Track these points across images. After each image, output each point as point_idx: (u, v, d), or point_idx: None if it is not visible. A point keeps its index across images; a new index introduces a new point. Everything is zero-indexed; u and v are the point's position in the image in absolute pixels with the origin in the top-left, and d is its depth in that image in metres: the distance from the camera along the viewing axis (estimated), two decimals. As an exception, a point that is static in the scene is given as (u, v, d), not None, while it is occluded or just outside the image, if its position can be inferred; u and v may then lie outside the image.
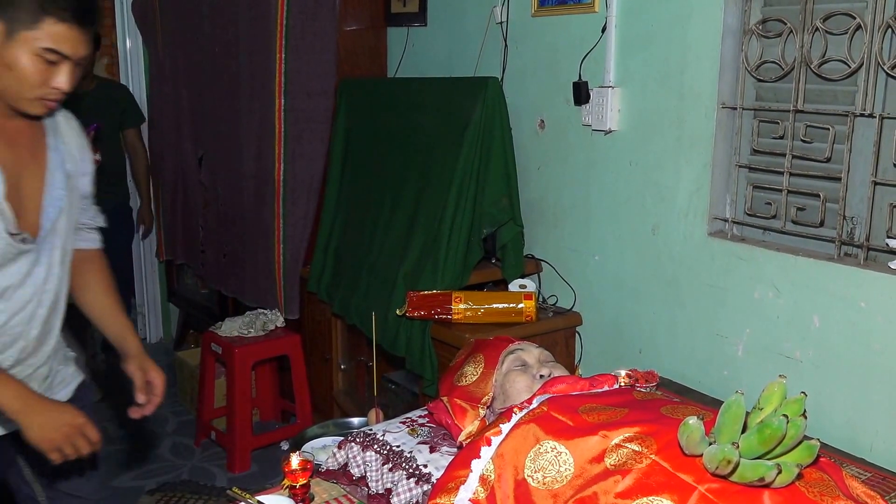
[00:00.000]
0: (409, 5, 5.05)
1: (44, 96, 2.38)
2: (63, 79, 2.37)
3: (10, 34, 2.27)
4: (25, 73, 2.31)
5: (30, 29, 2.26)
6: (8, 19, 2.26)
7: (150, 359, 2.75)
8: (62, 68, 2.36)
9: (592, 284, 4.07)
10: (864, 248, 3.02)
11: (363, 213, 4.73)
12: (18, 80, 2.32)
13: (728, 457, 1.73)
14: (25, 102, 2.38)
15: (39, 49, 2.29)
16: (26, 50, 2.28)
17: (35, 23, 2.26)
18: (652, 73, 3.64)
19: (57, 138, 2.61)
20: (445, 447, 2.58)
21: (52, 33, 2.29)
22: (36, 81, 2.33)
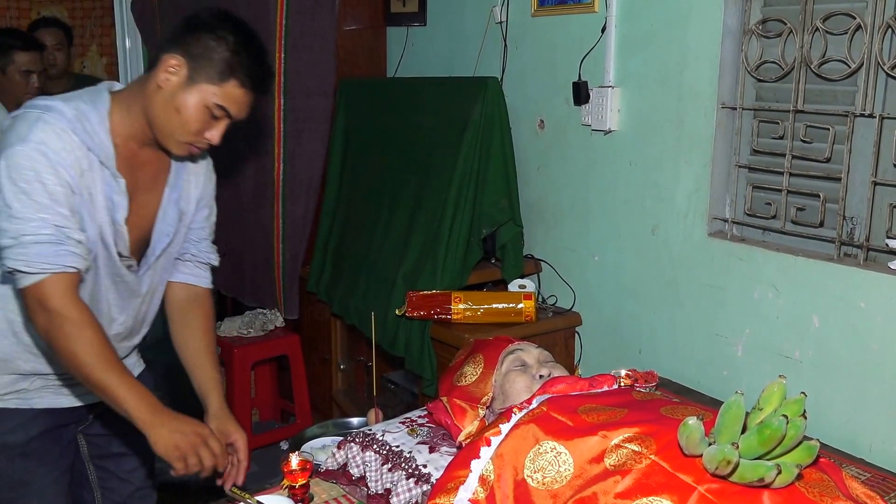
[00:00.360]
0: (408, 5, 5.05)
1: (193, 143, 2.50)
2: (217, 133, 2.50)
3: (192, 81, 2.40)
4: (189, 120, 2.43)
5: (212, 83, 2.41)
6: (195, 68, 2.40)
7: (233, 417, 2.71)
8: (221, 124, 2.49)
9: (592, 285, 4.07)
10: (864, 249, 3.02)
11: (363, 213, 4.73)
12: (180, 124, 2.43)
13: (728, 457, 1.72)
14: (174, 143, 2.49)
15: (212, 104, 2.42)
16: (200, 100, 2.41)
17: (220, 81, 2.41)
18: (652, 74, 3.63)
19: (179, 176, 2.70)
20: (445, 447, 2.58)
21: (230, 94, 2.44)
22: (195, 129, 2.45)
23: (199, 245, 2.86)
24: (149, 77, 2.45)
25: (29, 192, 2.25)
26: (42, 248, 2.25)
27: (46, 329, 2.32)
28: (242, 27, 2.48)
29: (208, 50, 2.39)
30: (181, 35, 2.43)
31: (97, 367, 2.30)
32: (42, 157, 2.26)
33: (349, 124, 4.97)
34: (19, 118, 2.33)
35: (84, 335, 2.30)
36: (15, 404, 2.62)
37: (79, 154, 2.34)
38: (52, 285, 2.28)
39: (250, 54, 2.45)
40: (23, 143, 2.25)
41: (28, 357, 2.58)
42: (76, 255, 2.32)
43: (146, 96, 2.43)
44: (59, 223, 2.28)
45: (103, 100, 2.45)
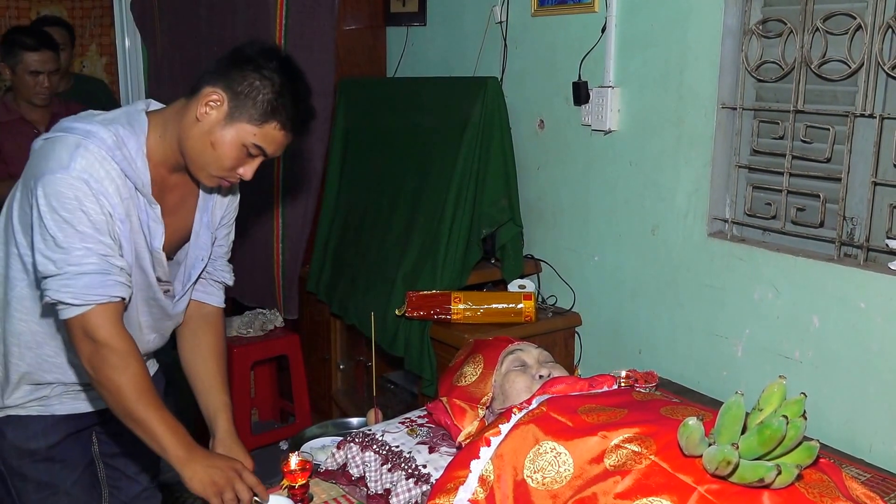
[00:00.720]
0: (408, 5, 5.04)
1: (225, 177, 2.48)
2: (250, 170, 2.47)
3: (231, 119, 2.37)
4: (224, 157, 2.40)
5: (251, 124, 2.37)
6: (237, 105, 2.36)
7: (240, 442, 2.69)
8: (255, 161, 2.47)
9: (592, 285, 4.06)
10: (864, 249, 3.02)
11: (362, 212, 4.73)
12: (215, 158, 2.41)
13: (728, 458, 1.72)
14: (205, 175, 2.47)
15: (250, 143, 2.40)
16: (237, 138, 2.38)
17: (261, 122, 2.38)
18: (652, 74, 3.63)
19: (207, 199, 2.69)
20: (444, 447, 2.58)
21: (269, 135, 2.41)
22: (228, 165, 2.43)
23: (214, 263, 2.84)
24: (187, 106, 2.42)
25: (72, 221, 2.23)
26: (88, 280, 2.25)
27: (91, 359, 2.31)
28: (288, 66, 2.44)
29: (253, 89, 2.35)
30: (226, 68, 2.39)
31: (140, 404, 2.31)
32: (84, 186, 2.24)
33: (349, 124, 4.96)
34: (57, 142, 2.30)
35: (129, 369, 2.31)
36: (37, 411, 2.63)
37: (118, 182, 2.32)
38: (98, 316, 2.28)
39: (294, 97, 2.41)
40: (64, 170, 2.23)
41: (50, 368, 2.58)
42: (121, 283, 2.33)
43: (183, 126, 2.41)
44: (103, 252, 2.28)
45: (141, 123, 2.42)
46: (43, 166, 2.26)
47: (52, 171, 2.23)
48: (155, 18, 6.11)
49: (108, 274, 2.28)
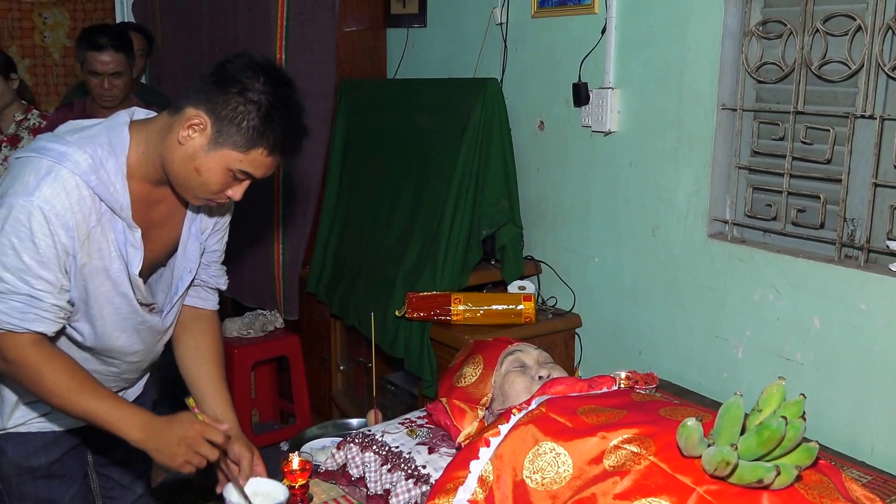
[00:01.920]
0: (408, 6, 5.05)
1: (213, 199, 2.39)
2: (239, 192, 2.37)
3: (215, 145, 2.26)
4: (210, 182, 2.31)
5: (237, 150, 2.26)
6: (221, 131, 2.25)
7: (244, 437, 2.58)
8: (243, 184, 2.37)
9: (592, 286, 4.06)
10: (865, 250, 3.01)
11: (362, 213, 4.73)
12: (200, 183, 2.32)
13: (727, 458, 1.72)
14: (191, 196, 2.40)
15: (236, 169, 2.30)
16: (223, 165, 2.29)
17: (246, 149, 2.27)
18: (652, 75, 3.63)
19: (199, 208, 2.61)
20: (444, 448, 2.59)
21: (256, 160, 2.30)
22: (214, 189, 2.34)
23: (208, 269, 2.79)
24: (170, 125, 2.31)
25: (19, 249, 2.17)
26: (11, 306, 2.21)
27: (9, 374, 2.33)
28: (277, 82, 2.30)
29: (237, 115, 2.23)
30: (209, 88, 2.26)
31: (78, 400, 2.29)
32: (41, 216, 2.16)
33: (349, 125, 4.96)
34: (28, 163, 2.22)
35: (48, 375, 2.27)
36: (38, 427, 2.61)
37: (88, 211, 2.25)
38: (10, 340, 2.24)
39: (282, 119, 2.28)
40: (27, 196, 2.16)
41: None
42: (45, 319, 2.26)
43: (166, 148, 2.31)
44: (40, 287, 2.22)
45: (123, 140, 2.33)
46: (8, 188, 2.21)
47: (15, 195, 2.17)
48: (157, 21, 6.13)
49: (33, 307, 2.22)
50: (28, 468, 2.61)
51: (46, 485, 2.65)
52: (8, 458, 2.59)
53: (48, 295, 2.23)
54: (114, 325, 2.48)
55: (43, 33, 9.32)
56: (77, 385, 2.29)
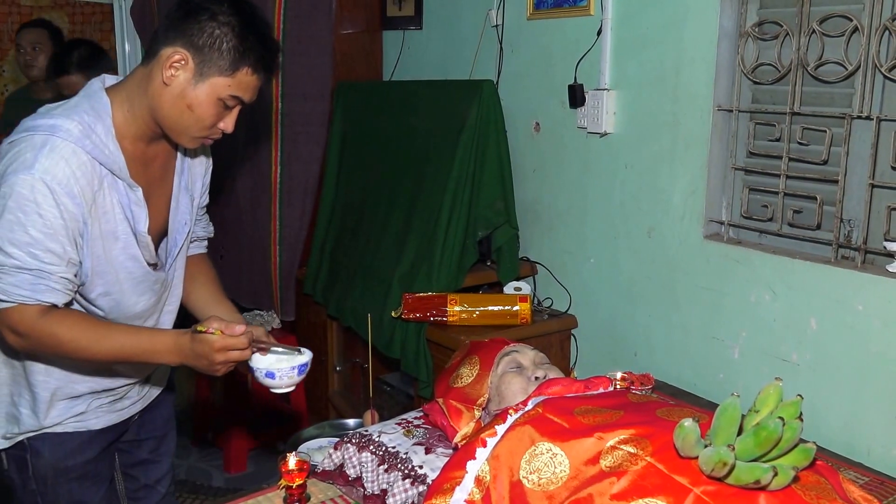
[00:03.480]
0: (404, 9, 5.05)
1: (208, 136, 2.44)
2: (231, 122, 2.42)
3: (202, 76, 2.30)
4: (203, 115, 2.35)
5: (223, 75, 2.31)
6: (203, 61, 2.29)
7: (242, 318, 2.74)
8: (234, 112, 2.42)
9: (588, 287, 4.06)
10: (862, 251, 3.02)
11: (359, 215, 4.73)
12: (195, 120, 2.35)
13: (724, 459, 1.72)
14: (186, 138, 2.43)
15: (226, 95, 2.33)
16: (212, 94, 2.32)
17: (232, 71, 2.31)
18: (647, 76, 3.63)
19: (184, 160, 2.64)
20: (441, 448, 2.58)
21: (243, 82, 2.34)
22: (209, 123, 2.38)
23: (200, 223, 2.87)
24: (149, 73, 2.33)
25: (25, 223, 2.19)
26: (20, 279, 2.22)
27: (25, 348, 2.36)
28: (242, 4, 2.34)
29: (214, 39, 2.26)
30: (179, 23, 2.29)
31: (104, 345, 2.33)
32: (45, 188, 2.17)
33: (346, 127, 4.96)
34: (22, 142, 2.23)
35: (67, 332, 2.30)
36: (73, 427, 2.62)
37: (90, 175, 2.26)
38: (20, 313, 2.26)
39: (257, 35, 2.33)
40: (28, 171, 2.17)
41: (81, 378, 2.57)
42: (55, 290, 2.27)
43: (151, 95, 2.33)
44: (47, 260, 2.23)
45: (103, 103, 2.33)
46: (6, 167, 2.21)
47: (15, 172, 2.18)
48: (155, 23, 6.12)
49: (42, 280, 2.24)
50: (63, 469, 2.61)
51: (79, 486, 2.66)
52: (45, 459, 2.59)
53: (56, 268, 2.25)
54: (131, 290, 2.51)
55: (42, 38, 9.34)
56: (94, 334, 2.33)
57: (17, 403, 2.55)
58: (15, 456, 2.60)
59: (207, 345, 2.31)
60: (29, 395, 2.54)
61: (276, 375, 2.49)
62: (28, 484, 2.62)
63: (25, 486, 2.62)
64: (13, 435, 2.57)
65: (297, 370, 2.53)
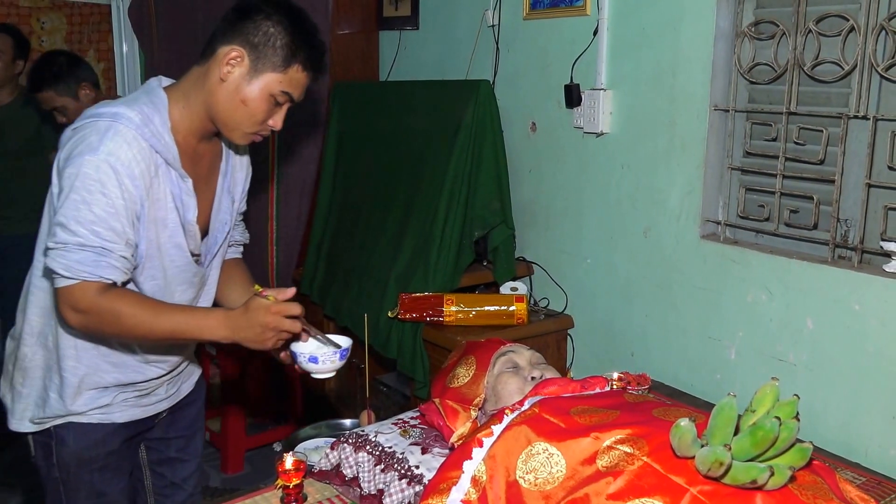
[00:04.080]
0: (401, 9, 5.05)
1: (258, 132, 2.54)
2: (280, 119, 2.53)
3: (256, 72, 2.43)
4: (256, 110, 2.46)
5: (276, 71, 2.43)
6: (258, 57, 2.41)
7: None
8: (283, 109, 2.53)
9: (584, 287, 4.06)
10: (858, 251, 3.02)
11: (355, 215, 4.73)
12: (248, 115, 2.46)
13: (720, 459, 1.72)
14: (238, 134, 2.52)
15: (277, 91, 2.45)
16: (265, 89, 2.44)
17: (284, 67, 2.43)
18: (644, 76, 3.63)
19: (228, 162, 2.74)
20: (437, 448, 2.58)
21: (294, 79, 2.47)
22: (260, 118, 2.49)
23: (237, 228, 2.96)
24: (206, 71, 2.47)
25: (90, 201, 2.27)
26: (83, 255, 2.29)
27: (84, 326, 2.40)
28: (293, 7, 2.49)
29: (269, 37, 2.40)
30: (235, 23, 2.43)
31: (158, 323, 2.40)
32: (110, 169, 2.27)
33: (342, 127, 4.96)
34: (87, 128, 2.33)
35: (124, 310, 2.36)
36: (98, 419, 2.65)
37: (149, 161, 2.37)
38: (81, 290, 2.31)
39: (308, 35, 2.47)
40: (93, 152, 2.27)
41: (109, 369, 2.61)
42: (115, 267, 2.34)
43: (208, 91, 2.46)
44: (108, 238, 2.31)
45: (161, 99, 2.46)
46: (72, 151, 2.31)
47: (80, 154, 2.27)
48: (152, 24, 6.11)
49: (104, 257, 2.30)
50: (86, 459, 2.65)
51: (100, 476, 2.70)
52: (69, 447, 2.64)
53: (117, 245, 2.33)
54: (174, 278, 2.59)
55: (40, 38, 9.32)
56: (152, 310, 2.40)
57: (48, 387, 2.61)
58: (42, 443, 2.66)
59: (262, 307, 2.40)
60: (58, 379, 2.59)
61: (320, 360, 2.57)
62: (52, 471, 2.68)
63: (49, 473, 2.68)
64: (41, 420, 2.62)
65: (339, 355, 2.60)
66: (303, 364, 2.60)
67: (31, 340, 2.61)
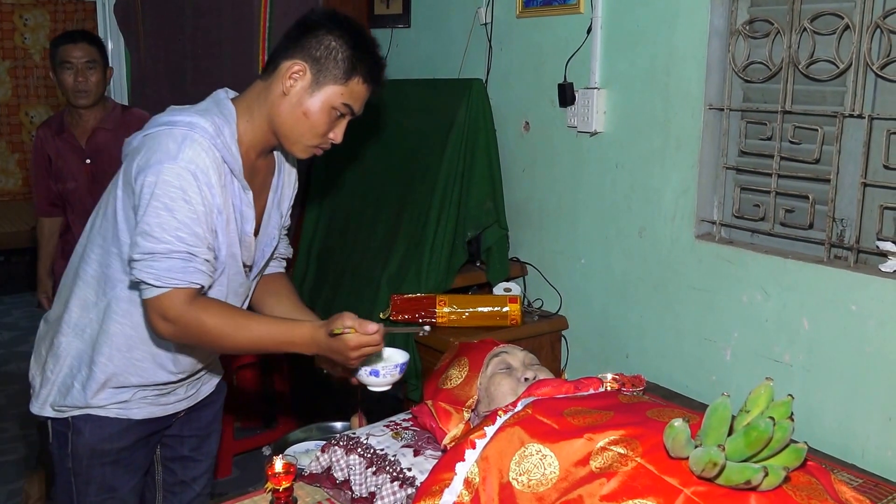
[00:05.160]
0: (392, 7, 5.03)
1: (319, 145, 2.60)
2: (340, 132, 2.62)
3: (318, 84, 2.50)
4: (318, 123, 2.53)
5: (338, 83, 2.50)
6: (319, 70, 2.49)
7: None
8: (343, 122, 2.61)
9: (578, 288, 4.05)
10: (854, 251, 3.00)
11: (346, 215, 4.72)
12: (309, 128, 2.53)
13: (714, 459, 1.71)
14: (300, 147, 2.59)
15: (339, 103, 2.53)
16: (326, 102, 2.51)
17: (346, 80, 2.51)
18: (638, 75, 3.62)
19: (280, 178, 2.80)
20: (429, 450, 2.57)
21: (354, 91, 2.55)
22: (322, 131, 2.56)
23: (282, 242, 2.97)
24: (268, 85, 2.53)
25: (172, 208, 2.32)
26: (171, 263, 2.33)
27: (173, 335, 2.45)
28: (353, 23, 2.57)
29: (331, 50, 2.47)
30: (297, 40, 2.50)
31: (242, 335, 2.46)
32: (190, 176, 2.32)
33: (334, 126, 4.95)
34: (162, 135, 2.38)
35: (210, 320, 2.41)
36: (115, 413, 2.68)
37: (220, 171, 2.42)
38: (172, 298, 2.36)
39: (368, 50, 2.54)
40: (173, 160, 2.31)
41: (137, 371, 2.65)
42: (203, 272, 2.40)
43: (271, 104, 2.52)
44: (192, 242, 2.35)
45: (231, 111, 2.51)
46: (149, 158, 2.35)
47: (159, 162, 2.32)
48: (138, 21, 6.11)
49: (190, 261, 2.36)
50: (100, 451, 2.68)
51: (112, 471, 2.72)
52: (84, 438, 2.67)
53: (201, 250, 2.39)
54: (227, 285, 2.64)
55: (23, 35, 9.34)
56: (238, 322, 2.47)
57: (74, 377, 2.64)
58: (60, 432, 2.70)
59: (343, 343, 2.43)
60: (87, 372, 2.62)
61: (381, 373, 2.62)
62: (66, 461, 2.70)
63: (63, 462, 2.71)
64: (60, 408, 2.66)
65: (399, 368, 2.64)
66: (363, 377, 2.63)
67: (67, 330, 2.64)
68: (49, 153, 4.61)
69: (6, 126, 10.20)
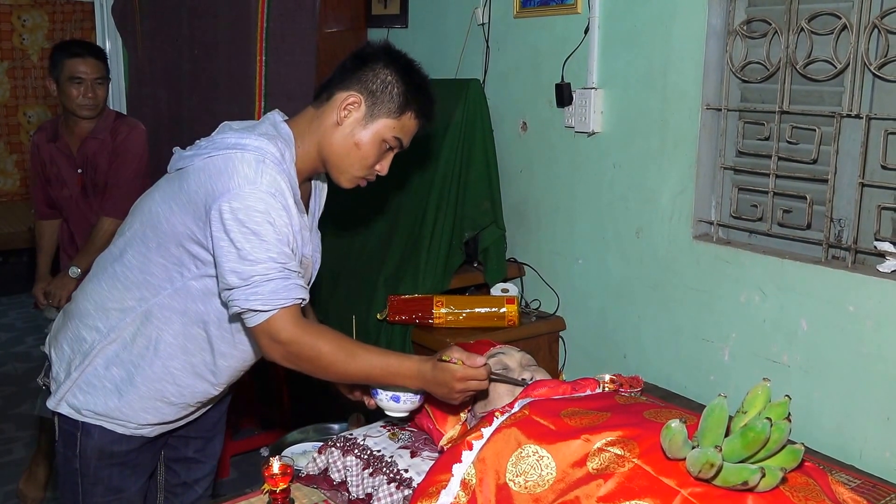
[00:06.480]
0: (389, 7, 5.03)
1: (365, 176, 2.68)
2: (386, 165, 2.68)
3: (372, 117, 2.56)
4: (368, 154, 2.59)
5: (390, 117, 2.56)
6: (374, 103, 2.55)
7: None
8: (390, 155, 2.68)
9: (576, 288, 4.04)
10: (852, 251, 3.00)
11: (343, 216, 4.71)
12: (359, 158, 2.59)
13: (711, 460, 1.71)
14: (347, 177, 2.66)
15: (390, 136, 2.59)
16: (378, 135, 2.57)
17: (399, 114, 2.57)
18: (635, 75, 3.61)
19: (316, 202, 2.88)
20: (426, 452, 2.58)
21: (406, 125, 2.61)
22: (370, 163, 2.62)
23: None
24: (321, 114, 2.59)
25: (260, 233, 2.34)
26: (273, 286, 2.35)
27: (285, 358, 2.47)
28: (408, 59, 2.63)
29: (387, 85, 2.53)
30: (354, 72, 2.56)
31: (353, 366, 2.45)
32: (272, 199, 2.35)
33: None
34: (234, 160, 2.38)
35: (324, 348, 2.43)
36: (131, 432, 2.68)
37: (288, 194, 2.43)
38: (280, 319, 2.38)
39: (421, 86, 2.60)
40: (252, 185, 2.34)
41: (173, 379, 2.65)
42: (301, 286, 2.43)
43: (322, 133, 2.57)
44: (284, 261, 2.38)
45: (289, 136, 2.55)
46: (227, 182, 2.35)
47: (239, 187, 2.34)
48: (136, 22, 6.10)
49: (288, 278, 2.38)
50: (108, 453, 2.67)
51: (120, 472, 2.72)
52: (93, 440, 2.65)
53: (293, 265, 2.43)
54: None
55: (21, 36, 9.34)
56: (350, 351, 2.47)
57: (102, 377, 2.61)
58: (67, 431, 2.68)
59: (449, 373, 2.40)
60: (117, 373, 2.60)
61: (402, 399, 2.57)
62: (72, 462, 2.69)
63: (69, 462, 2.70)
64: (77, 408, 2.63)
65: (419, 397, 2.59)
66: (382, 401, 2.60)
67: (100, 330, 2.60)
68: (44, 158, 4.61)
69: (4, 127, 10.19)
